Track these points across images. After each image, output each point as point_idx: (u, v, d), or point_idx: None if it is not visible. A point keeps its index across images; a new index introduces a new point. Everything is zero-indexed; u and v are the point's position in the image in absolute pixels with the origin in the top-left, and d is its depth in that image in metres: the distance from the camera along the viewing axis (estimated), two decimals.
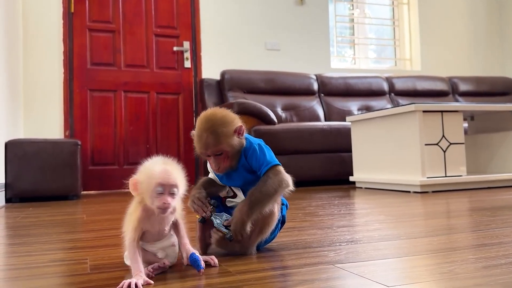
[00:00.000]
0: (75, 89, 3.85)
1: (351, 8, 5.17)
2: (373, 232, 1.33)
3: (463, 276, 0.81)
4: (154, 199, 0.86)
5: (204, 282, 0.83)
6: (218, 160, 1.04)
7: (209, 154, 1.03)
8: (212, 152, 1.03)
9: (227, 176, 1.09)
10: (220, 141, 1.02)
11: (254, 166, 1.06)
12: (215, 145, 1.02)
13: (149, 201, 0.86)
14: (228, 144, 1.03)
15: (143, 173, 0.88)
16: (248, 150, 1.06)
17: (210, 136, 1.01)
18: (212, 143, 1.01)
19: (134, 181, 0.88)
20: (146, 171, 0.88)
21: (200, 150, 1.04)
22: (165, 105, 4.11)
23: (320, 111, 4.27)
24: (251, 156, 1.06)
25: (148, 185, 0.86)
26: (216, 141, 1.01)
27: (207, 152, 1.03)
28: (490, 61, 5.48)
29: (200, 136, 1.03)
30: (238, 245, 1.05)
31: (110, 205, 2.51)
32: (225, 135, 1.02)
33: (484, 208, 1.82)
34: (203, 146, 1.02)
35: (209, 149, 1.02)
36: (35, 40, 3.76)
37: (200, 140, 1.03)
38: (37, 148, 3.00)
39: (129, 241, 0.87)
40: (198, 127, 1.04)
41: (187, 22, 4.23)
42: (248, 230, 1.01)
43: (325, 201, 2.37)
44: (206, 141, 1.02)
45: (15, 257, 1.13)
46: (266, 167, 1.04)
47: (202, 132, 1.03)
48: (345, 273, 0.87)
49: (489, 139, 3.24)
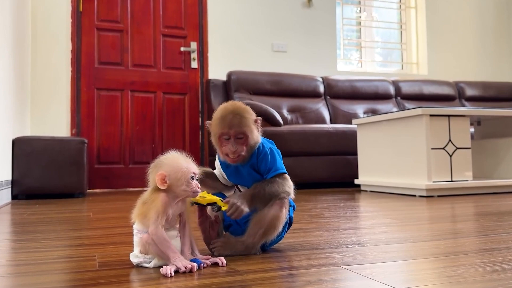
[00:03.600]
0: (83, 88, 3.87)
1: (359, 11, 5.16)
2: (379, 235, 1.33)
3: (472, 279, 0.81)
4: (187, 186, 0.94)
5: (212, 281, 0.84)
6: (238, 143, 1.04)
7: (231, 135, 1.04)
8: (235, 132, 1.04)
9: (235, 173, 1.10)
10: (244, 124, 1.04)
11: (262, 168, 1.08)
12: (239, 126, 1.04)
13: (182, 187, 0.93)
14: (250, 130, 1.05)
15: (170, 166, 0.94)
16: (260, 152, 1.08)
17: (236, 117, 1.04)
18: (236, 123, 1.04)
19: (163, 175, 0.93)
20: (174, 164, 0.94)
21: (223, 130, 1.04)
22: (171, 105, 4.12)
23: (326, 114, 4.27)
24: (261, 159, 1.08)
25: (182, 174, 0.93)
26: (240, 122, 1.04)
27: (230, 132, 1.04)
28: (497, 66, 5.46)
29: (224, 117, 1.04)
30: (241, 246, 1.05)
31: (116, 204, 2.52)
32: (248, 120, 1.06)
33: (490, 213, 1.81)
34: (227, 125, 1.04)
35: (233, 128, 1.03)
36: (43, 38, 3.78)
37: (224, 121, 1.04)
38: (44, 145, 3.02)
39: (155, 226, 0.90)
40: (221, 111, 1.06)
41: (194, 23, 4.25)
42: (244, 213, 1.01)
43: (330, 203, 2.37)
44: (232, 121, 1.04)
45: (23, 253, 1.14)
46: (274, 173, 1.07)
47: (227, 113, 1.05)
48: (353, 274, 0.87)
49: (495, 144, 3.23)
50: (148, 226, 0.92)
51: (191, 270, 0.89)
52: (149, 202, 0.93)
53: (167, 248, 0.90)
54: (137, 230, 0.95)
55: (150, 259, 0.94)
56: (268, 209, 1.05)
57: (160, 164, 0.95)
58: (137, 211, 0.95)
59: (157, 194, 0.93)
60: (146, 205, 0.93)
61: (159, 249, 0.91)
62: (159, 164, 0.95)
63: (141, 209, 0.94)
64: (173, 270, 0.88)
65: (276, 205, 1.05)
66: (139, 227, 0.95)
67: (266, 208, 1.05)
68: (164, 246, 0.90)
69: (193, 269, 0.90)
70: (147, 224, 0.92)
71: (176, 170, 0.94)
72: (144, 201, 0.94)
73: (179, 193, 0.94)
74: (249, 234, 1.05)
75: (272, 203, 1.05)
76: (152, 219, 0.91)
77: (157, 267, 0.92)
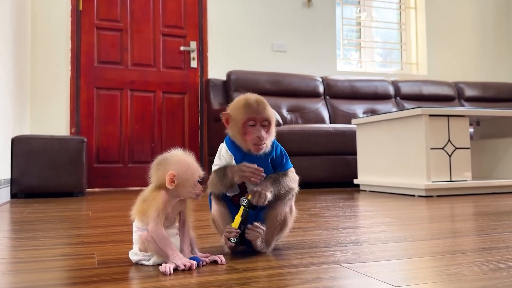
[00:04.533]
0: (82, 87, 3.87)
1: (358, 11, 5.17)
2: (378, 234, 1.33)
3: (471, 278, 0.81)
4: (193, 188, 0.94)
5: (211, 278, 0.84)
6: (264, 129, 1.04)
7: (257, 120, 1.03)
8: (261, 118, 1.04)
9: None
10: (268, 111, 1.05)
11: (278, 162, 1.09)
12: (265, 112, 1.04)
13: (188, 189, 0.93)
14: (273, 119, 1.06)
15: (180, 165, 0.93)
16: (276, 145, 1.10)
17: (261, 104, 1.04)
18: (262, 110, 1.04)
19: (172, 175, 0.92)
20: (183, 164, 0.94)
21: (250, 115, 1.03)
22: (171, 105, 4.12)
23: (325, 114, 4.27)
24: (281, 152, 1.10)
25: (191, 175, 0.93)
26: (265, 109, 1.04)
27: (257, 117, 1.03)
28: (497, 66, 5.46)
29: (249, 104, 1.04)
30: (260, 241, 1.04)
31: (115, 203, 2.52)
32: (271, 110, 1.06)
33: (489, 213, 1.82)
34: (254, 111, 1.03)
35: (260, 114, 1.03)
36: (43, 37, 3.78)
37: (250, 107, 1.04)
38: (43, 144, 3.02)
39: (155, 223, 0.90)
40: (245, 99, 1.06)
41: (194, 22, 4.25)
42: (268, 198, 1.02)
43: (329, 203, 2.37)
44: (258, 108, 1.04)
45: (22, 251, 1.14)
46: (287, 167, 1.10)
47: (251, 101, 1.05)
48: (352, 272, 0.87)
49: (494, 145, 3.23)
50: (147, 224, 0.92)
51: (190, 268, 0.89)
52: (149, 199, 0.93)
53: (166, 246, 0.90)
54: (137, 228, 0.95)
55: (149, 256, 0.94)
56: (282, 205, 1.06)
57: (167, 162, 0.94)
58: (137, 208, 0.95)
59: (158, 191, 0.93)
60: (146, 203, 0.93)
61: (158, 247, 0.91)
62: (165, 162, 0.94)
63: (141, 206, 0.94)
64: (172, 268, 0.88)
65: (288, 201, 1.08)
66: (138, 225, 0.95)
67: (279, 205, 1.06)
68: (164, 243, 0.90)
69: (192, 267, 0.90)
70: (147, 222, 0.92)
71: (186, 170, 0.93)
72: (144, 199, 0.94)
73: (183, 193, 0.94)
74: (268, 231, 1.05)
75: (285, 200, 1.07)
76: (152, 216, 0.91)
77: (156, 265, 0.93)
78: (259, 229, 1.03)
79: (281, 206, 1.06)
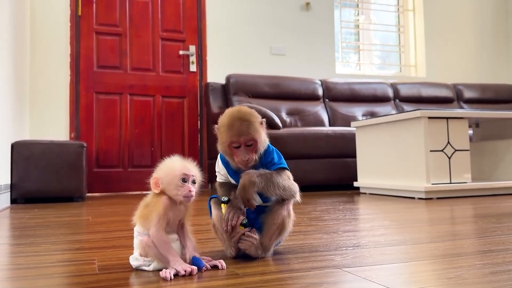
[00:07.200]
0: (81, 92, 3.87)
1: (357, 14, 5.18)
2: (378, 237, 1.33)
3: (471, 281, 0.82)
4: (179, 189, 0.93)
5: (211, 283, 0.84)
6: (248, 150, 1.04)
7: (241, 142, 1.03)
8: (245, 139, 1.03)
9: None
10: (252, 130, 1.03)
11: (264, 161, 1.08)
12: (248, 133, 1.03)
13: (174, 192, 0.93)
14: (259, 134, 1.05)
15: (163, 169, 0.95)
16: (267, 150, 1.09)
17: (244, 124, 1.03)
18: (245, 130, 1.03)
19: (155, 179, 0.94)
20: (166, 168, 0.95)
21: (232, 138, 1.03)
22: (170, 109, 4.12)
23: (324, 116, 4.28)
24: (269, 154, 1.08)
25: (173, 177, 0.93)
26: (249, 129, 1.03)
27: (240, 139, 1.02)
28: (496, 68, 5.47)
29: (232, 125, 1.03)
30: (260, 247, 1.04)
31: (115, 207, 2.52)
32: (256, 124, 1.05)
33: (489, 215, 1.82)
34: (236, 133, 1.02)
35: (243, 136, 1.02)
36: (42, 42, 3.78)
37: (232, 129, 1.03)
38: (43, 149, 3.02)
39: (156, 228, 0.91)
40: (228, 117, 1.05)
41: (193, 26, 4.26)
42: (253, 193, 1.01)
43: (329, 206, 2.37)
44: (240, 129, 1.02)
45: (23, 257, 1.14)
46: (277, 166, 1.07)
47: (234, 120, 1.03)
48: (352, 277, 0.87)
49: (494, 146, 3.23)
50: (149, 229, 0.92)
51: (191, 274, 0.90)
52: (151, 205, 0.94)
53: (167, 251, 0.90)
54: (138, 232, 0.95)
55: (150, 262, 0.94)
56: (280, 209, 1.06)
57: (159, 168, 0.97)
58: (139, 213, 0.95)
59: (159, 197, 0.94)
60: (148, 208, 0.94)
61: (159, 252, 0.91)
62: (158, 168, 0.97)
63: (143, 211, 0.94)
64: (172, 273, 0.88)
65: (286, 205, 1.07)
66: (140, 229, 0.95)
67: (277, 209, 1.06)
68: (164, 249, 0.90)
69: (193, 272, 0.90)
70: (148, 227, 0.92)
71: (167, 174, 0.94)
72: (146, 204, 0.95)
73: (173, 197, 0.94)
74: (266, 235, 1.05)
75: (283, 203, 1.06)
76: (153, 221, 0.92)
77: (156, 270, 0.93)
78: (251, 238, 1.04)
79: (279, 210, 1.06)
